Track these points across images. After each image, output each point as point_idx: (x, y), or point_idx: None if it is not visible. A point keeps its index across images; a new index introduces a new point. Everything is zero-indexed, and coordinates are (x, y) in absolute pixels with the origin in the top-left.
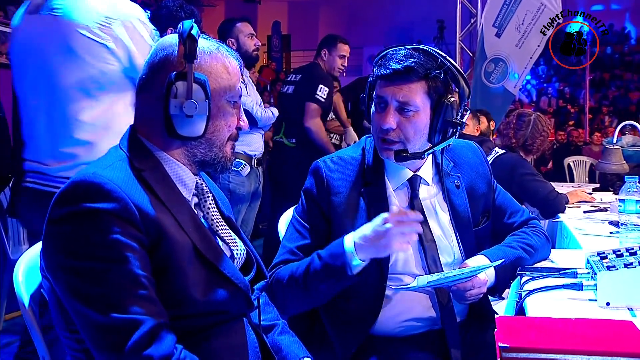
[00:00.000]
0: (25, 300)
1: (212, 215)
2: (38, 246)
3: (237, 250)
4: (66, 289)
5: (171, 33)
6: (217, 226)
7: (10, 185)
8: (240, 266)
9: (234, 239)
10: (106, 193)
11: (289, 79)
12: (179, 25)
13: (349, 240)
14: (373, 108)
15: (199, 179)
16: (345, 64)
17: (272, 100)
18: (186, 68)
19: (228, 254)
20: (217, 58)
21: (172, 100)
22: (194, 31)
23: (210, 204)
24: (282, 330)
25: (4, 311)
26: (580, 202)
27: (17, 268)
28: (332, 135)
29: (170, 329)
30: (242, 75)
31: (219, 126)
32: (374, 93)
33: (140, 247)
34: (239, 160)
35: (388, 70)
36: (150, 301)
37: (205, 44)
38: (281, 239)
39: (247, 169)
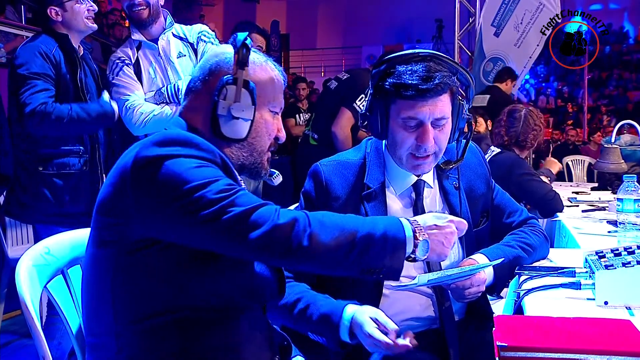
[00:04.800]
0: (27, 299)
1: None
2: (41, 245)
3: None
4: (184, 212)
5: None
6: None
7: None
8: None
9: None
10: (196, 144)
11: (339, 75)
12: (233, 35)
13: (349, 312)
14: (398, 127)
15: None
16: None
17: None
18: (237, 74)
19: None
20: (265, 70)
21: (221, 102)
22: (248, 42)
23: None
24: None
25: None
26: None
27: (18, 267)
28: None
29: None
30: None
31: (260, 132)
32: (398, 113)
33: None
34: (272, 169)
35: (418, 92)
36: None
37: (255, 56)
38: None
39: (280, 179)
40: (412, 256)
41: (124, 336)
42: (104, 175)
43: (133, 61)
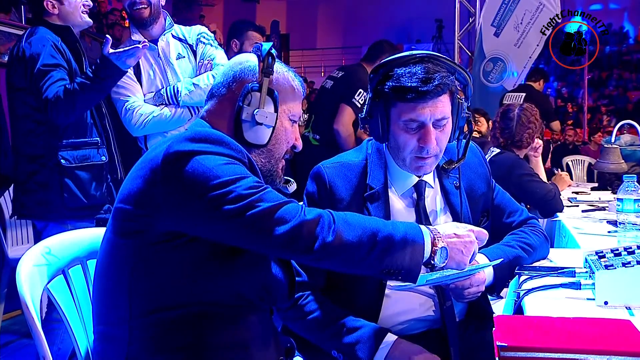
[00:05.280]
0: (27, 298)
1: None
2: (42, 245)
3: None
4: (212, 206)
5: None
6: None
7: (10, 186)
8: None
9: None
10: (227, 142)
11: (332, 74)
12: (256, 45)
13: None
14: (399, 129)
15: None
16: None
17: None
18: (262, 81)
19: None
20: (287, 79)
21: (245, 108)
22: (273, 51)
23: None
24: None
25: (2, 311)
26: (575, 196)
27: (19, 267)
28: None
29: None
30: None
31: (280, 140)
32: (399, 116)
33: None
34: (287, 177)
35: (418, 94)
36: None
37: (278, 66)
38: None
39: (294, 187)
40: (432, 262)
41: (137, 327)
42: (120, 165)
43: None
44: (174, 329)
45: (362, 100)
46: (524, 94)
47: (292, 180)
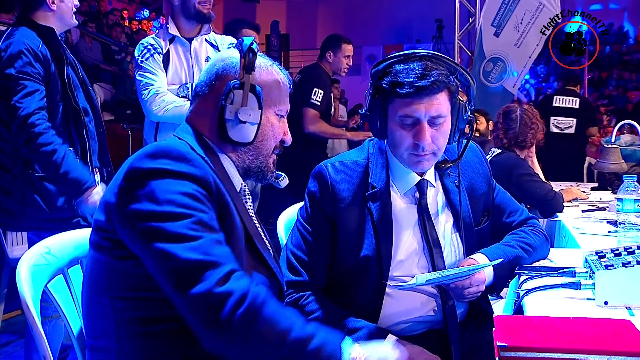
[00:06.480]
0: (27, 298)
1: (251, 215)
2: (41, 245)
3: (269, 250)
4: (145, 235)
5: None
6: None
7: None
8: None
9: (268, 239)
10: (188, 160)
11: (294, 78)
12: (239, 40)
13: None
14: (396, 125)
15: (243, 183)
16: (350, 63)
17: None
18: (244, 78)
19: None
20: (271, 73)
21: (228, 106)
22: (254, 46)
23: (249, 205)
24: None
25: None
26: (574, 199)
27: (19, 266)
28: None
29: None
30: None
31: (266, 136)
32: (395, 112)
33: (215, 213)
34: (279, 172)
35: (413, 89)
36: (227, 250)
37: (261, 60)
38: (279, 238)
39: (286, 181)
40: None
41: (125, 339)
42: (97, 173)
43: (164, 52)
44: (161, 342)
45: (319, 97)
46: (578, 99)
47: (282, 174)
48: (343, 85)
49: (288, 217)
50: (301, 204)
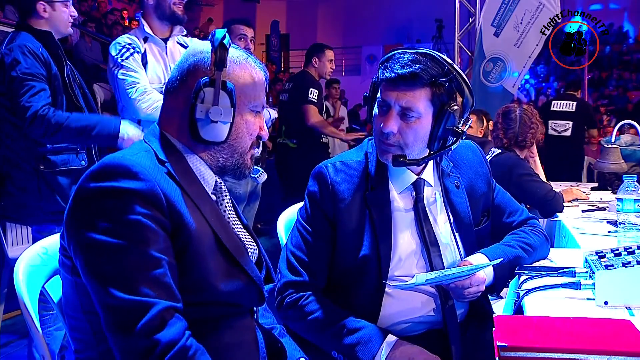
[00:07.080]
0: (26, 299)
1: (229, 213)
2: (38, 245)
3: (251, 249)
4: (84, 266)
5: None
6: (232, 224)
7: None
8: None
9: (249, 237)
10: (134, 174)
11: (285, 87)
12: (211, 33)
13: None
14: (376, 110)
15: (219, 179)
16: (334, 67)
17: (271, 100)
18: (215, 75)
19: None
20: (245, 68)
21: (199, 105)
22: (226, 40)
23: (227, 203)
24: (280, 333)
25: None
26: (575, 200)
27: (17, 267)
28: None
29: (182, 314)
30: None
31: (241, 134)
32: (378, 95)
33: (163, 230)
34: (256, 167)
35: (393, 74)
36: (163, 285)
37: (235, 53)
38: (279, 238)
39: (264, 177)
40: None
41: (106, 353)
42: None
43: (142, 51)
44: None
45: (315, 96)
46: (575, 103)
47: (260, 170)
48: (343, 85)
49: (288, 217)
50: (301, 204)
